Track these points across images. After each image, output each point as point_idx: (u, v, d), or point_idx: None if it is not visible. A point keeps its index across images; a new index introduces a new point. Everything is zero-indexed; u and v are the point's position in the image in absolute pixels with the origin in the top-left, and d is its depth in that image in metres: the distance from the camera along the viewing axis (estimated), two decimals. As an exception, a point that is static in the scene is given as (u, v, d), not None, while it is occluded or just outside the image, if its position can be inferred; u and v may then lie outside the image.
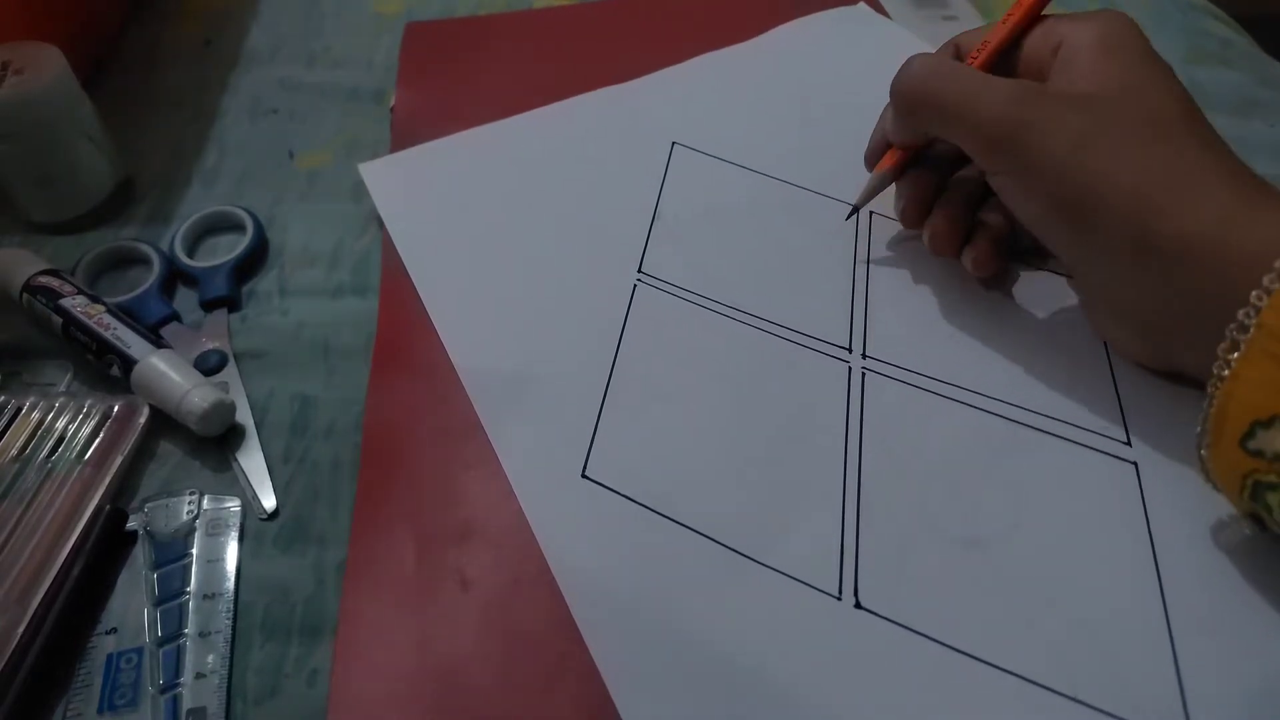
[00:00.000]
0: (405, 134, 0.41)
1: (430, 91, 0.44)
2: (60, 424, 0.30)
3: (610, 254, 0.35)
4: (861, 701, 0.24)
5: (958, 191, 0.33)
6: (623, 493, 0.28)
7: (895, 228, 0.36)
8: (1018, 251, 0.34)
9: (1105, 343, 0.32)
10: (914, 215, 0.33)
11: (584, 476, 0.29)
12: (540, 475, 0.29)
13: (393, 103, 0.43)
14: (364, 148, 0.42)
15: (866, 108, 0.36)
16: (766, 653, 0.25)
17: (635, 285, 0.34)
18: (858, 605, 0.26)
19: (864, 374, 0.31)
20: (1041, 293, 0.34)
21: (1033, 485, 0.28)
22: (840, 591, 0.26)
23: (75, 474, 0.29)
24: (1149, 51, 0.29)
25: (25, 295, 0.32)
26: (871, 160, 0.35)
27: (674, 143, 0.40)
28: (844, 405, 0.30)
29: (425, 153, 0.40)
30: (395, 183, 0.38)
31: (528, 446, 0.30)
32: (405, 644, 0.26)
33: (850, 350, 0.32)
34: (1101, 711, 0.24)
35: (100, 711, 0.24)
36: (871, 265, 0.35)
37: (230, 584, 0.27)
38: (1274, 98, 0.44)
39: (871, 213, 0.37)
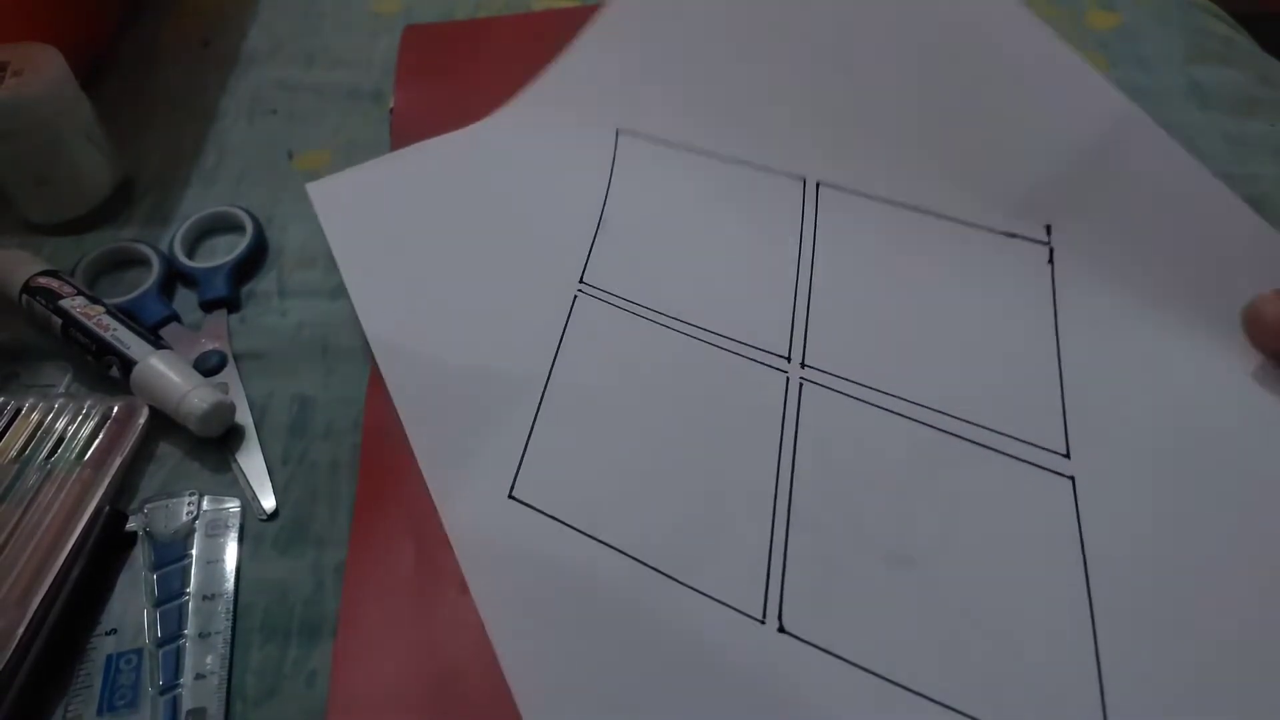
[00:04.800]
0: (405, 136, 0.41)
1: (429, 94, 0.44)
2: (60, 425, 0.30)
3: (552, 264, 0.34)
4: None
5: None
6: (550, 513, 0.28)
7: (844, 203, 0.35)
8: None
9: (1057, 345, 0.31)
10: None
11: (510, 497, 0.28)
12: (466, 496, 0.28)
13: (392, 105, 0.43)
14: (362, 147, 0.42)
15: (833, 64, 0.35)
16: (687, 678, 0.24)
17: (576, 296, 0.34)
18: (781, 629, 0.25)
19: (801, 385, 0.31)
20: (999, 286, 0.33)
21: (966, 502, 0.28)
22: (764, 614, 0.26)
23: (75, 475, 0.29)
24: None
25: (24, 296, 0.32)
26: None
27: (618, 130, 0.38)
28: (779, 420, 0.30)
29: (372, 170, 0.38)
30: (341, 202, 0.37)
31: (455, 466, 0.29)
32: (404, 646, 0.26)
33: (789, 359, 0.32)
34: None
35: (100, 712, 0.24)
36: (816, 256, 0.34)
37: (230, 585, 0.27)
38: (1275, 96, 0.43)
39: (819, 184, 0.36)
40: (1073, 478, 0.28)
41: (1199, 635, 0.25)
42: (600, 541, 0.27)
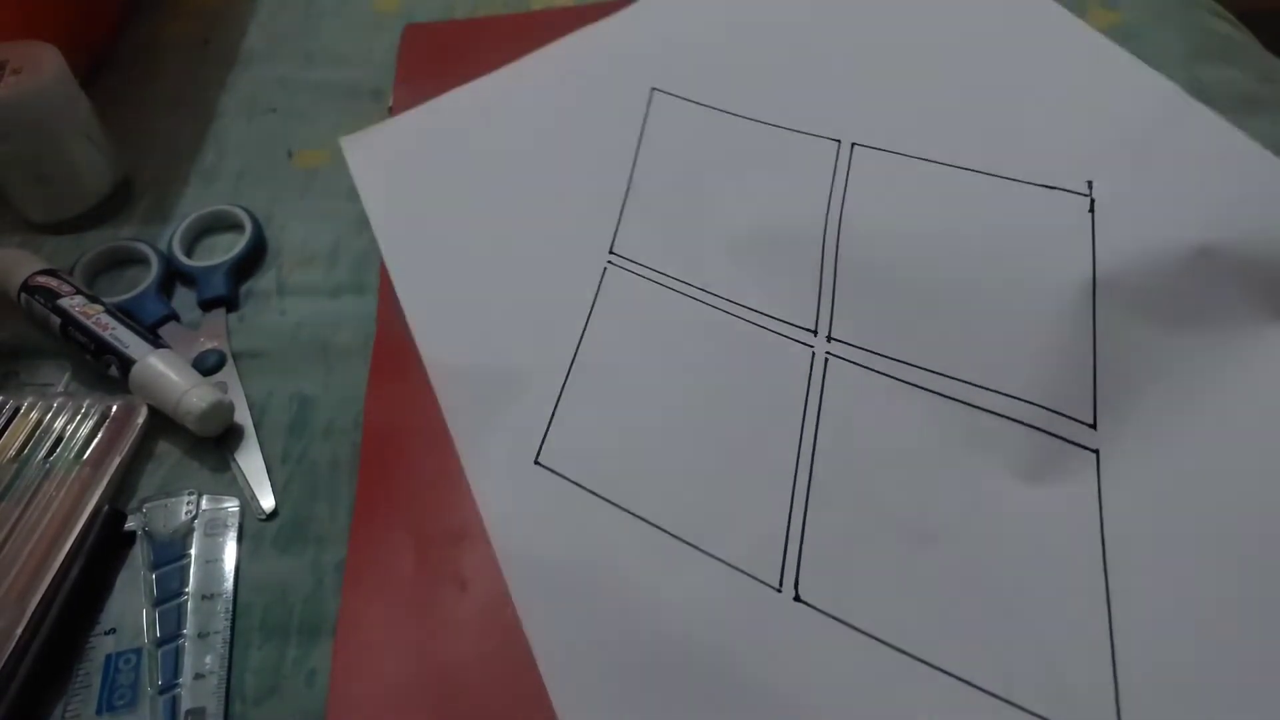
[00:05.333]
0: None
1: (428, 93, 0.43)
2: (58, 424, 0.30)
3: (582, 231, 0.35)
4: (794, 696, 0.24)
5: None
6: (574, 480, 0.28)
7: (877, 160, 0.35)
8: None
9: (1093, 309, 0.30)
10: None
11: (537, 463, 0.29)
12: (493, 461, 0.29)
13: (390, 103, 0.43)
14: (363, 147, 0.41)
15: (876, 38, 0.37)
16: (703, 644, 0.25)
17: (606, 268, 0.34)
18: (797, 598, 0.26)
19: (827, 360, 0.31)
20: (1035, 236, 0.32)
21: (988, 478, 0.28)
22: (780, 583, 0.26)
23: (74, 474, 0.29)
24: None
25: (23, 295, 0.32)
26: None
27: (653, 89, 0.39)
28: (803, 398, 0.30)
29: (406, 123, 0.39)
30: (374, 158, 0.38)
31: (484, 432, 0.30)
32: (404, 644, 0.26)
33: (815, 333, 0.31)
34: (1033, 714, 0.23)
35: (99, 712, 0.24)
36: (846, 210, 0.34)
37: (229, 584, 0.27)
38: (1277, 95, 0.43)
39: (854, 145, 0.36)
40: (1097, 451, 0.28)
41: (1213, 622, 0.25)
42: (622, 508, 0.28)
